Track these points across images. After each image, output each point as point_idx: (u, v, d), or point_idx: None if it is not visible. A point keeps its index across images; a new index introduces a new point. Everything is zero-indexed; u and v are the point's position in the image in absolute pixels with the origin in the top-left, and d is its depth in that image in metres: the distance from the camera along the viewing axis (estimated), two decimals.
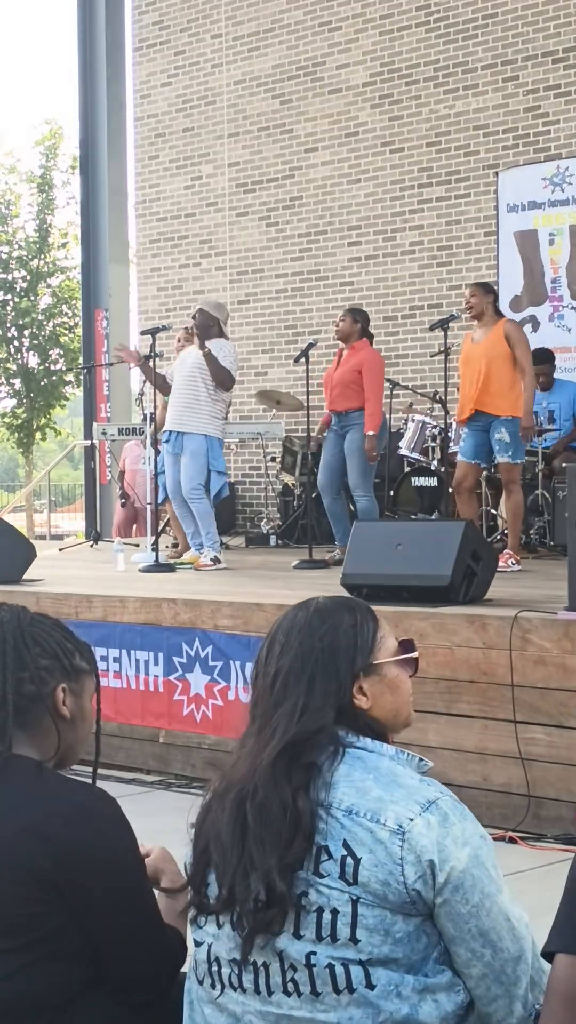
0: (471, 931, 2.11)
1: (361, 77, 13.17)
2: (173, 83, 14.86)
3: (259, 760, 2.20)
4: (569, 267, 11.76)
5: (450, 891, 2.09)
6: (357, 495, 9.34)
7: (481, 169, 12.33)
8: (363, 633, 2.31)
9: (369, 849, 2.10)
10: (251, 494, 13.92)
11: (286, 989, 2.13)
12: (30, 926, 2.26)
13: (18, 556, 8.36)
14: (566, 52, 11.76)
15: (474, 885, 2.11)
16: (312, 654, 2.26)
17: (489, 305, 8.74)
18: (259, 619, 6.81)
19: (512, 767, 5.79)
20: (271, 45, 13.90)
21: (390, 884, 2.08)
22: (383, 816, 2.11)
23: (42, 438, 28.14)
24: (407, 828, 2.10)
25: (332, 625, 2.30)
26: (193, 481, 9.10)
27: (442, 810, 2.13)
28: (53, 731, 2.44)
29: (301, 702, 2.23)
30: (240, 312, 14.15)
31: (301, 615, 2.33)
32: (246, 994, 2.17)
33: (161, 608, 7.28)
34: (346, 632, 2.29)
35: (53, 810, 2.29)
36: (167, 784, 7.00)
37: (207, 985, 2.23)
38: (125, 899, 2.32)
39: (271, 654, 2.31)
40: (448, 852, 2.10)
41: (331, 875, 2.10)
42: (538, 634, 5.79)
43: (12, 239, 26.83)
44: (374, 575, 6.65)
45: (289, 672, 2.26)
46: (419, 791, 2.15)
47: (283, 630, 2.32)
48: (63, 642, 2.50)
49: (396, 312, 12.90)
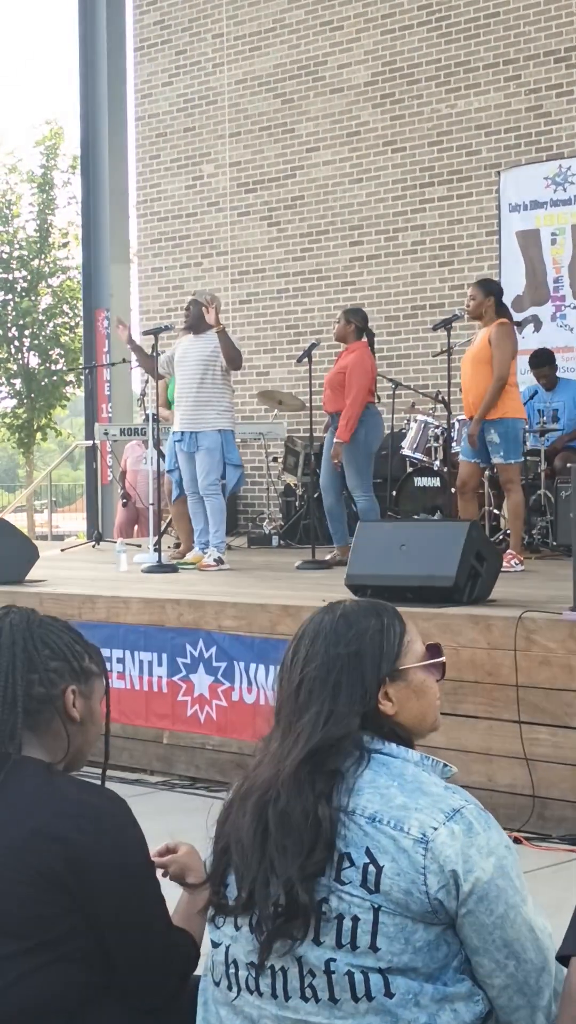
0: (495, 942, 2.09)
1: (363, 76, 13.16)
2: (174, 83, 14.85)
3: (282, 765, 2.19)
4: (571, 267, 11.75)
5: (474, 902, 2.07)
6: (357, 495, 9.32)
7: (483, 169, 12.32)
8: (389, 638, 2.29)
9: (392, 857, 2.08)
10: (253, 494, 13.91)
11: (304, 994, 2.11)
12: (41, 928, 2.25)
13: (21, 557, 8.35)
14: (568, 51, 11.76)
15: (499, 896, 2.09)
16: (337, 660, 2.24)
17: (490, 307, 8.64)
18: (263, 620, 6.81)
19: (517, 768, 5.79)
20: (272, 45, 13.89)
21: (412, 893, 2.06)
22: (407, 824, 2.09)
23: (43, 438, 28.14)
24: (431, 837, 2.08)
25: (358, 630, 2.28)
26: (210, 476, 9.10)
27: (467, 819, 2.11)
28: (63, 733, 2.44)
29: (326, 708, 2.21)
30: (241, 312, 14.14)
31: (327, 619, 2.31)
32: (263, 998, 2.15)
33: (165, 609, 7.27)
34: (372, 637, 2.27)
35: (64, 812, 2.29)
36: (171, 785, 7.00)
37: (223, 987, 2.21)
38: (135, 902, 2.31)
39: (296, 658, 2.29)
40: (472, 862, 2.07)
41: (353, 882, 2.08)
42: (543, 635, 5.78)
43: (13, 239, 26.83)
44: (378, 575, 6.64)
45: (314, 678, 2.24)
46: (444, 799, 2.14)
47: (309, 634, 2.30)
48: (73, 644, 2.50)
49: (398, 312, 12.89)
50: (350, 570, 6.78)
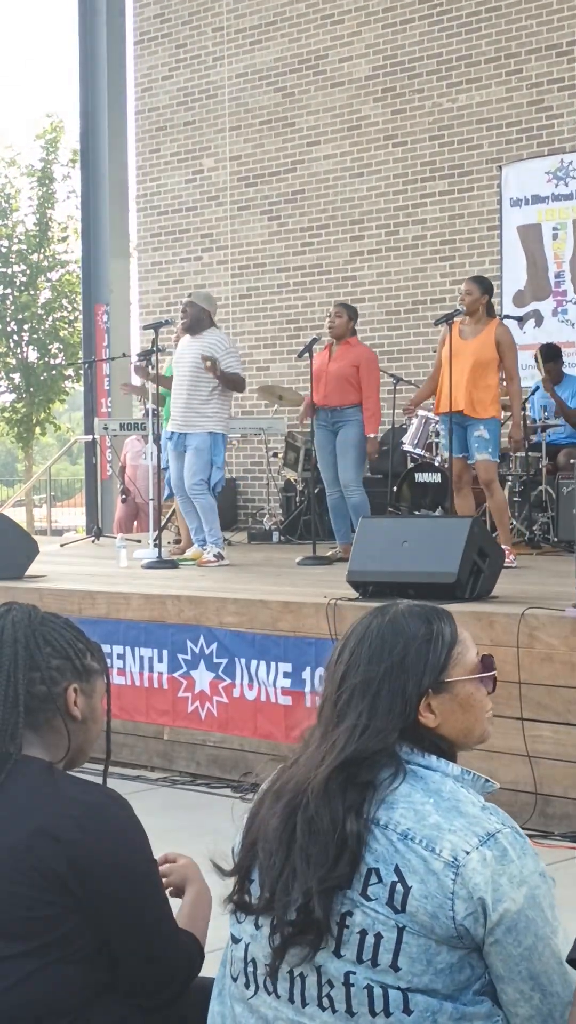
0: (521, 973, 2.04)
1: (364, 70, 13.13)
2: (174, 76, 14.81)
3: (316, 772, 2.13)
4: (573, 261, 11.72)
5: (502, 932, 2.02)
6: (350, 491, 9.32)
7: (484, 163, 12.29)
8: (436, 648, 2.20)
9: (421, 879, 2.02)
10: (253, 490, 13.89)
11: (321, 1003, 2.08)
12: (44, 929, 2.24)
13: (20, 553, 8.33)
14: (569, 45, 11.72)
15: (528, 927, 2.03)
16: (380, 670, 2.17)
17: (484, 303, 8.64)
18: (264, 616, 6.79)
19: (519, 765, 5.77)
20: (273, 38, 13.86)
21: (439, 917, 2.01)
22: (439, 846, 2.03)
23: (41, 433, 28.13)
24: (462, 862, 2.01)
25: (405, 639, 2.19)
26: (196, 476, 9.08)
27: (501, 845, 2.04)
28: (64, 731, 2.42)
29: (363, 719, 2.14)
30: (242, 307, 14.12)
31: (376, 623, 2.23)
32: (280, 1000, 2.13)
33: (165, 605, 7.26)
34: (418, 647, 2.19)
35: (65, 812, 2.27)
36: (171, 781, 6.99)
37: (240, 983, 2.19)
38: (138, 901, 2.29)
39: (340, 660, 2.22)
40: (503, 892, 2.01)
41: (379, 899, 2.03)
42: (545, 631, 5.77)
43: (12, 233, 26.79)
44: (380, 572, 6.62)
45: (355, 686, 2.17)
46: (479, 821, 2.06)
47: (356, 636, 2.23)
48: (75, 642, 2.48)
49: (399, 307, 12.87)
50: (352, 566, 6.76)
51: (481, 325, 8.57)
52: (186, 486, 9.16)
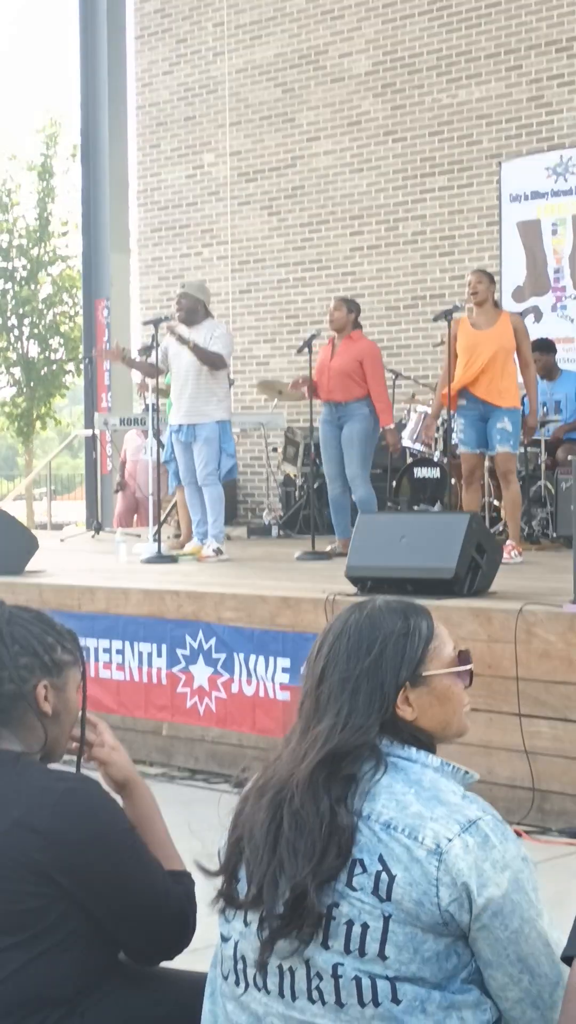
0: (509, 956, 2.06)
1: (364, 66, 13.12)
2: (175, 71, 14.81)
3: (299, 767, 2.16)
4: (572, 257, 11.73)
5: (489, 916, 2.04)
6: (357, 484, 9.32)
7: (484, 159, 12.30)
8: (413, 642, 2.24)
9: (405, 867, 2.05)
10: (253, 484, 13.90)
11: (310, 996, 2.10)
12: (33, 920, 2.26)
13: (20, 548, 8.35)
14: (570, 41, 11.72)
15: (514, 910, 2.06)
16: (358, 665, 2.20)
17: (492, 295, 8.75)
18: (263, 611, 6.80)
19: (517, 760, 5.78)
20: (273, 33, 13.85)
21: (423, 904, 2.04)
22: (421, 834, 2.06)
23: (42, 427, 28.13)
24: (444, 849, 2.04)
25: (383, 634, 2.23)
26: (209, 466, 9.13)
27: (483, 831, 2.07)
28: (38, 727, 2.43)
29: (344, 713, 2.17)
30: (242, 302, 14.12)
31: (354, 619, 2.26)
32: (270, 996, 2.15)
33: (164, 600, 7.27)
34: (396, 641, 2.22)
35: (39, 802, 2.29)
36: (170, 777, 7.00)
37: (231, 981, 2.21)
38: (123, 875, 2.32)
39: (319, 656, 2.25)
40: (487, 877, 2.04)
41: (364, 889, 2.06)
42: (543, 627, 5.78)
43: (13, 227, 26.78)
44: (378, 567, 6.64)
45: (335, 679, 2.21)
46: (460, 809, 2.09)
47: (334, 632, 2.26)
48: (43, 637, 2.46)
49: (398, 302, 12.87)
50: (350, 562, 6.77)
51: (493, 316, 8.63)
52: (198, 477, 9.18)
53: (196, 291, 9.37)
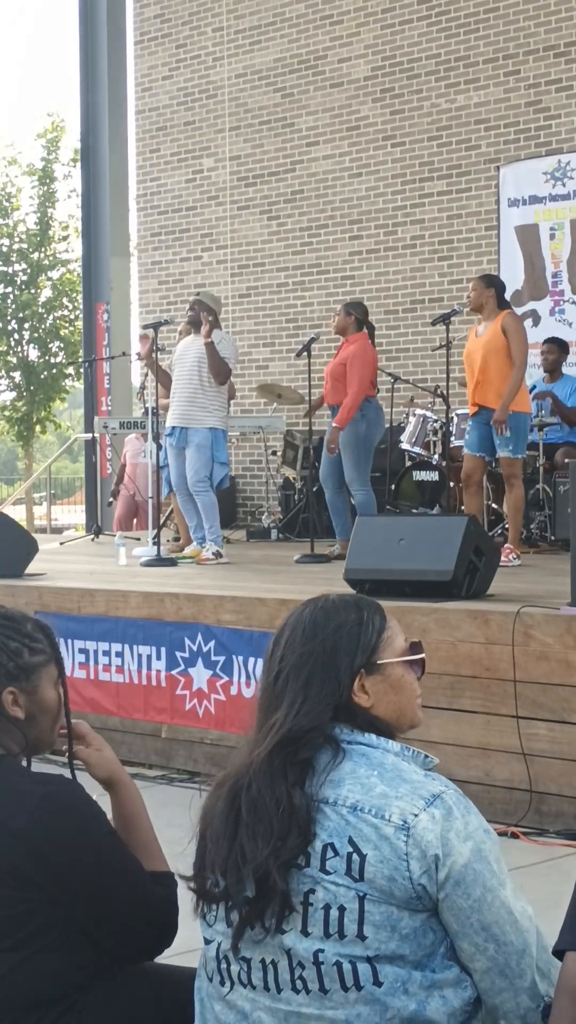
0: (473, 925, 2.11)
1: (362, 71, 13.16)
2: (174, 76, 14.84)
3: (255, 755, 2.22)
4: (570, 261, 11.76)
5: (451, 886, 2.10)
6: (354, 489, 9.32)
7: (482, 163, 12.33)
8: (367, 631, 2.31)
9: (375, 845, 2.10)
10: (252, 488, 13.92)
11: (295, 986, 2.14)
12: (19, 924, 2.26)
13: (20, 551, 8.36)
14: (567, 46, 11.75)
15: (475, 880, 2.11)
16: (313, 652, 2.27)
17: (491, 298, 8.65)
18: (262, 614, 6.81)
19: (514, 762, 5.80)
20: (272, 39, 13.89)
21: (396, 880, 2.09)
22: (388, 812, 2.12)
23: (42, 431, 28.15)
24: (411, 824, 2.10)
25: (336, 623, 2.30)
26: (199, 474, 9.12)
27: (446, 804, 2.14)
28: (14, 731, 2.41)
29: (299, 699, 2.24)
30: (241, 306, 14.15)
31: (308, 611, 2.34)
32: (255, 991, 2.18)
33: (163, 603, 7.28)
34: (350, 630, 2.30)
35: (18, 806, 2.28)
36: (169, 779, 7.00)
37: (216, 982, 2.24)
38: (104, 878, 2.32)
39: (276, 650, 2.32)
40: (451, 846, 2.10)
41: (337, 872, 2.11)
42: (541, 629, 5.79)
43: (13, 232, 26.81)
44: (377, 570, 6.65)
45: (290, 669, 2.27)
46: (424, 785, 2.16)
47: (290, 626, 2.33)
48: (6, 643, 2.43)
49: (397, 306, 12.90)
50: (348, 564, 6.80)
51: (491, 320, 8.61)
52: (189, 483, 9.19)
53: (210, 301, 9.42)
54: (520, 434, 8.61)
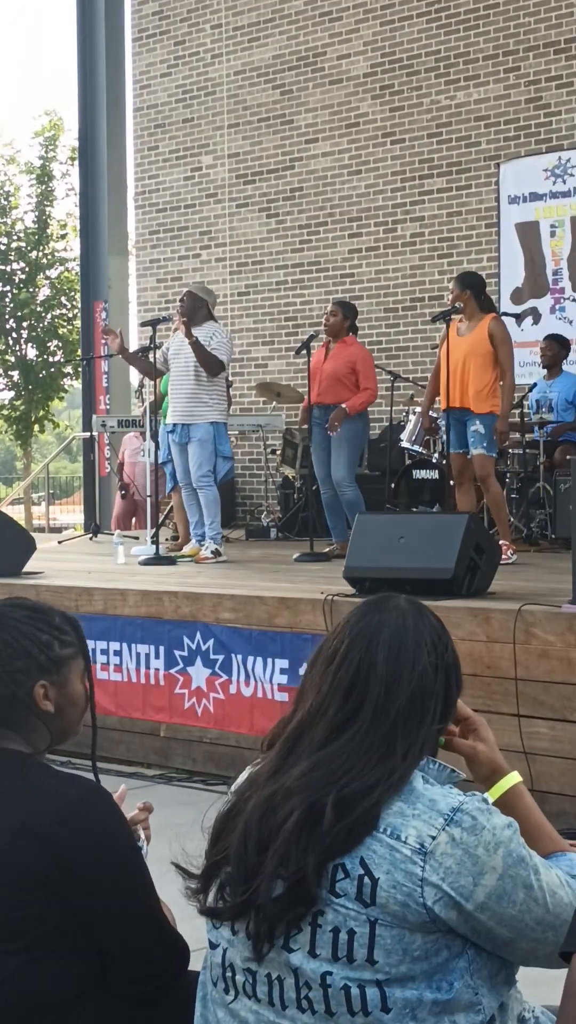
0: (528, 924, 2.03)
1: (362, 68, 13.12)
2: (173, 73, 14.81)
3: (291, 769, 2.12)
4: (570, 259, 11.72)
5: (495, 901, 2.01)
6: (343, 488, 9.32)
7: (482, 160, 12.29)
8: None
9: (387, 869, 1.99)
10: (251, 487, 13.89)
11: (300, 1005, 2.06)
12: (30, 926, 2.22)
13: (18, 549, 8.34)
14: (568, 43, 11.72)
15: (515, 884, 2.02)
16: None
17: (469, 299, 8.55)
18: (261, 612, 6.79)
19: (515, 761, 5.76)
20: (271, 35, 13.85)
21: (409, 905, 1.99)
22: (404, 832, 2.01)
23: (40, 430, 28.12)
24: (429, 848, 1.99)
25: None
26: (203, 468, 9.11)
27: (469, 814, 2.02)
28: (41, 726, 2.39)
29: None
30: (240, 304, 14.12)
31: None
32: (260, 1004, 2.11)
33: (162, 601, 7.26)
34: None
35: (45, 808, 2.24)
36: (168, 778, 6.99)
37: (220, 988, 2.17)
38: (123, 891, 2.27)
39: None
40: (481, 864, 2.00)
41: (347, 895, 2.01)
42: (542, 627, 5.77)
43: (11, 230, 26.80)
44: (377, 568, 6.62)
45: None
46: (442, 800, 2.04)
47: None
48: (37, 635, 2.41)
49: (397, 304, 12.87)
50: (348, 562, 6.76)
51: (475, 321, 8.54)
52: (192, 478, 9.18)
53: (201, 292, 9.38)
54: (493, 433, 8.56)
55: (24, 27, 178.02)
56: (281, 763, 2.14)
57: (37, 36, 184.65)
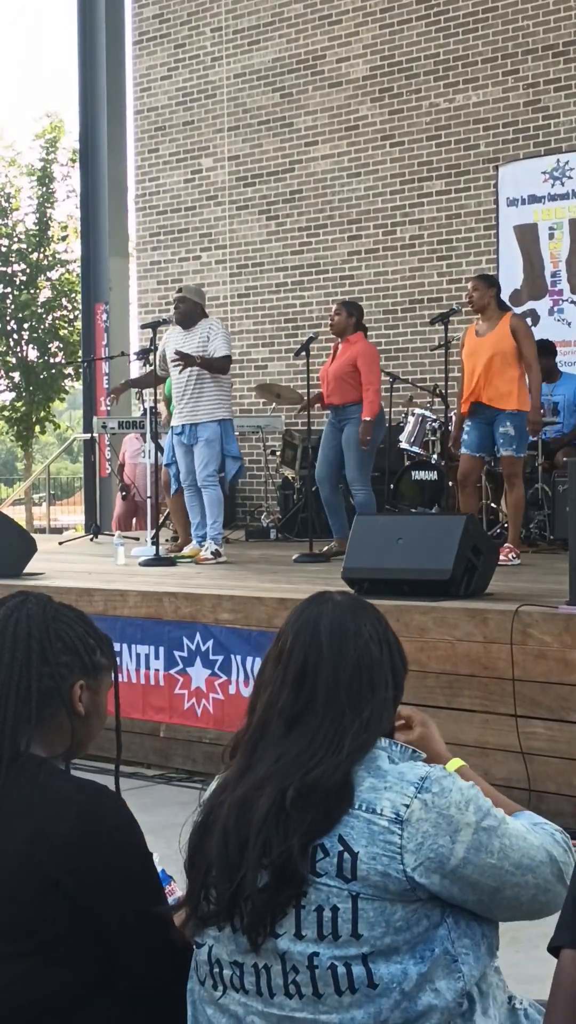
0: (508, 871, 2.13)
1: (361, 71, 13.16)
2: (173, 76, 14.84)
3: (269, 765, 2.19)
4: (569, 261, 11.75)
5: (474, 853, 2.10)
6: (355, 488, 9.33)
7: (481, 163, 12.32)
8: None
9: (366, 842, 2.08)
10: (251, 487, 13.92)
11: (287, 991, 2.11)
12: (40, 930, 2.23)
13: (18, 550, 8.36)
14: (566, 46, 11.75)
15: (489, 833, 2.12)
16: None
17: (492, 299, 8.65)
18: (260, 613, 6.81)
19: (513, 761, 5.80)
20: (271, 38, 13.89)
21: (389, 875, 2.07)
22: (379, 805, 2.10)
23: (41, 431, 28.14)
24: (404, 816, 2.09)
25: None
26: (209, 467, 9.15)
27: (436, 780, 2.13)
28: (66, 727, 2.41)
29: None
30: (240, 306, 14.15)
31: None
32: (248, 995, 2.15)
33: (162, 602, 7.28)
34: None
35: (60, 813, 2.25)
36: (168, 778, 7.01)
37: (208, 986, 2.21)
38: (135, 898, 2.29)
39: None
40: (456, 821, 2.10)
41: (328, 873, 2.08)
42: (539, 628, 5.80)
43: (12, 232, 26.82)
44: (375, 569, 6.65)
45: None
46: (409, 771, 2.14)
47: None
48: (85, 637, 2.46)
49: (396, 306, 12.90)
50: (347, 563, 6.79)
51: (494, 320, 8.59)
52: (198, 478, 9.20)
53: (194, 295, 9.42)
54: (523, 433, 8.59)
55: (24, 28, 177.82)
56: (247, 763, 2.23)
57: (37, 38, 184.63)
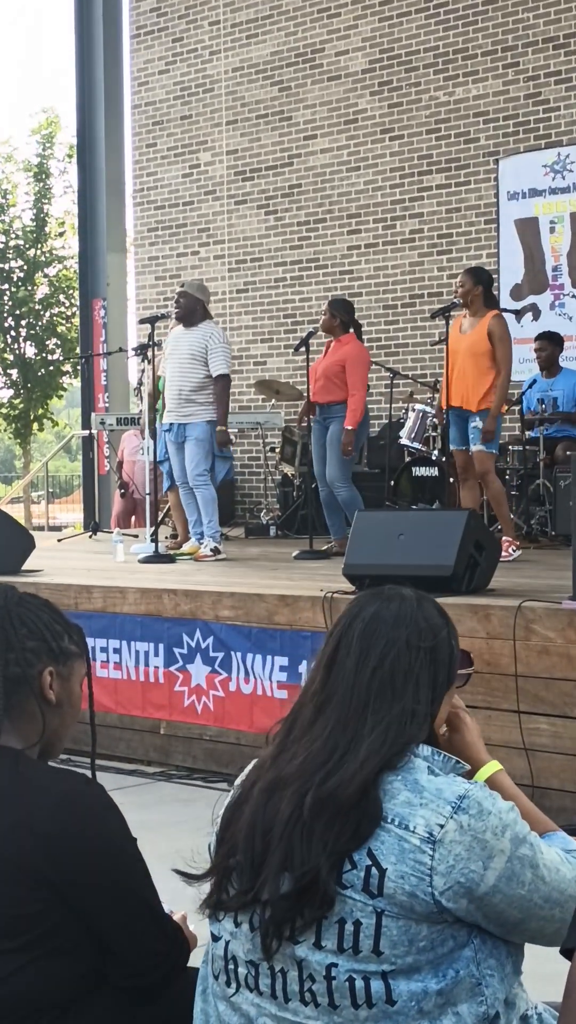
0: (536, 903, 2.05)
1: (360, 64, 13.10)
2: (171, 70, 14.78)
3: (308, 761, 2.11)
4: (570, 255, 11.70)
5: (504, 882, 2.02)
6: (336, 487, 9.33)
7: (481, 156, 12.27)
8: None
9: (396, 859, 1.99)
10: (250, 484, 13.88)
11: (303, 998, 2.05)
12: (30, 925, 2.20)
13: (17, 547, 8.33)
14: (567, 38, 11.70)
15: (522, 863, 2.04)
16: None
17: (479, 295, 8.58)
18: (260, 610, 6.78)
19: (516, 757, 5.76)
20: (269, 32, 13.83)
21: (417, 896, 1.98)
22: (412, 822, 2.00)
23: (39, 429, 28.11)
24: (438, 836, 1.99)
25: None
26: (199, 467, 9.10)
27: (475, 801, 2.02)
28: (38, 716, 2.36)
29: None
30: (239, 301, 14.10)
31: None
32: (262, 996, 2.09)
33: (162, 599, 7.25)
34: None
35: (39, 803, 2.22)
36: (168, 775, 6.98)
37: (222, 981, 2.15)
38: (121, 885, 2.26)
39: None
40: (490, 848, 2.01)
41: (354, 886, 2.00)
42: (542, 624, 5.76)
43: (9, 228, 26.78)
44: (376, 565, 6.60)
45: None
46: (448, 788, 2.04)
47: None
48: (51, 623, 2.41)
49: (396, 301, 12.85)
50: (348, 559, 6.75)
51: (478, 318, 8.55)
52: (188, 477, 9.16)
53: (196, 291, 9.35)
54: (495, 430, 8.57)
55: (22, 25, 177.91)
56: (282, 745, 2.16)
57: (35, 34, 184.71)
